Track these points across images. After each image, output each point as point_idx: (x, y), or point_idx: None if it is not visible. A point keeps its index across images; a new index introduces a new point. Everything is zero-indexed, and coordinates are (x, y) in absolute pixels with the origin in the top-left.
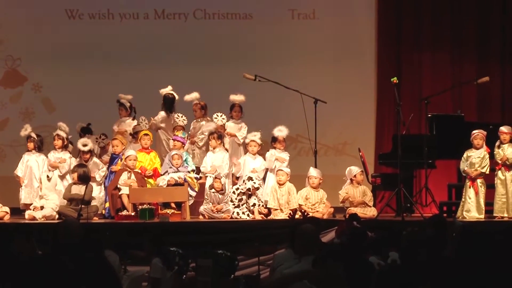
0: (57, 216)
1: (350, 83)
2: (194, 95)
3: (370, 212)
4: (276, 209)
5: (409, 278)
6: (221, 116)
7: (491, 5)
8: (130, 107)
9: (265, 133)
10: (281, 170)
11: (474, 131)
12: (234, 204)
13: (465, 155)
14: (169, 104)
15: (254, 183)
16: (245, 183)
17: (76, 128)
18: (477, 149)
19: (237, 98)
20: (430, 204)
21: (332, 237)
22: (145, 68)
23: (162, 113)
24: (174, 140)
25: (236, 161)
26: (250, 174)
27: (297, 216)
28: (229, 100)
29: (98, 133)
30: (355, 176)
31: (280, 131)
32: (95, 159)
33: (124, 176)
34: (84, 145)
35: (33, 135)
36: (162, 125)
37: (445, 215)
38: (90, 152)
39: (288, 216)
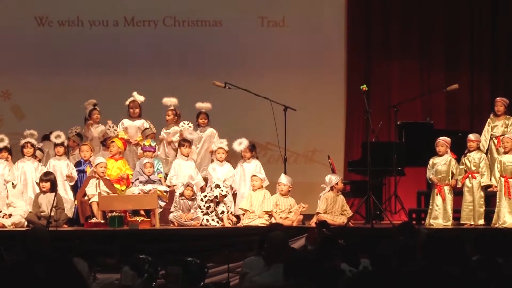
0: (26, 223)
1: (319, 90)
2: (174, 100)
3: (340, 219)
4: (247, 211)
5: (381, 285)
6: (187, 124)
7: (460, 14)
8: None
9: (235, 140)
10: (256, 176)
11: (438, 139)
12: (202, 212)
13: (430, 162)
14: None
15: (222, 190)
16: (213, 191)
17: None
18: (440, 156)
19: (203, 105)
20: (399, 211)
21: (302, 244)
22: (114, 75)
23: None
24: (144, 151)
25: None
26: (217, 181)
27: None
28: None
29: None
30: (336, 184)
31: (240, 144)
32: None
33: (92, 183)
34: (57, 137)
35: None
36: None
37: (414, 222)
38: (64, 146)
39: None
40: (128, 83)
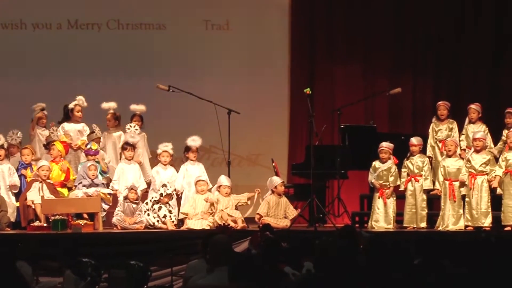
0: None
1: (263, 94)
2: (112, 104)
3: (283, 222)
4: (188, 213)
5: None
6: (134, 127)
7: (404, 19)
8: None
9: (179, 144)
10: (202, 180)
11: (380, 145)
12: (148, 214)
13: (373, 166)
14: None
15: (168, 189)
16: (159, 190)
17: None
18: (383, 162)
19: (138, 107)
20: (342, 214)
21: (245, 248)
22: (58, 78)
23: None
24: (87, 154)
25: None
26: (164, 182)
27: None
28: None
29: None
30: (276, 187)
31: (194, 141)
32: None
33: (35, 187)
34: None
35: None
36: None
37: (357, 225)
38: (4, 149)
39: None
40: (71, 86)
